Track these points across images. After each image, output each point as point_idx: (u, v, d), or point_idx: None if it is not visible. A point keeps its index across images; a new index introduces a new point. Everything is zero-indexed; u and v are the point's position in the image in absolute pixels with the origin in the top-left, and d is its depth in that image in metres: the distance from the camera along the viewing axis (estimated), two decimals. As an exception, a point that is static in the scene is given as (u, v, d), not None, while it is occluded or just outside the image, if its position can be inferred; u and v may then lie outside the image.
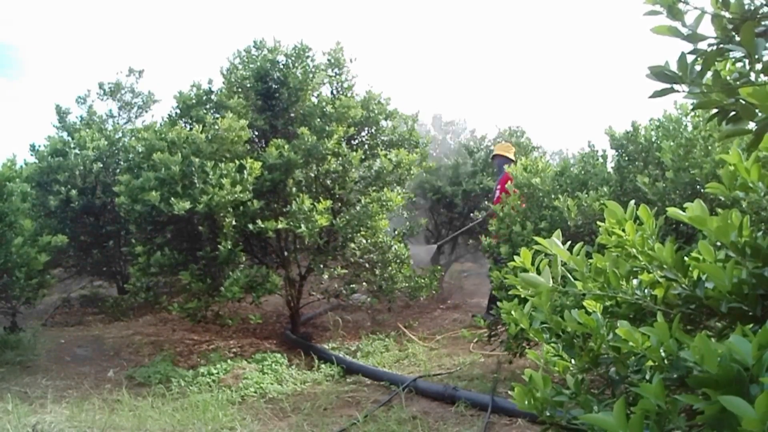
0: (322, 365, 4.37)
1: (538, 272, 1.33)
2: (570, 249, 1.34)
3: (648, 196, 3.39)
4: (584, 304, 1.27)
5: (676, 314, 1.08)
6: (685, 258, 1.15)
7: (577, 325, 1.21)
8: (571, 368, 1.28)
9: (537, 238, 1.37)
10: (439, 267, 6.02)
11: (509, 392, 3.62)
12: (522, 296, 1.44)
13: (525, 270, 1.36)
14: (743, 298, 1.00)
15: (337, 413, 3.41)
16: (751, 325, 0.97)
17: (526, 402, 1.27)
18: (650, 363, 0.97)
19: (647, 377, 1.02)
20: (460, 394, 3.39)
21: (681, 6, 0.78)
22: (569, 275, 1.33)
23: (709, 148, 3.28)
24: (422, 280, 5.43)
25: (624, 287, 1.20)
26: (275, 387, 3.90)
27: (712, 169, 3.16)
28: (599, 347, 1.19)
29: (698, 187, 3.20)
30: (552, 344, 1.33)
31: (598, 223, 1.35)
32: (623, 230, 1.24)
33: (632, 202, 1.29)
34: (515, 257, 1.40)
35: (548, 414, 1.25)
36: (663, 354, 0.93)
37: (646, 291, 1.20)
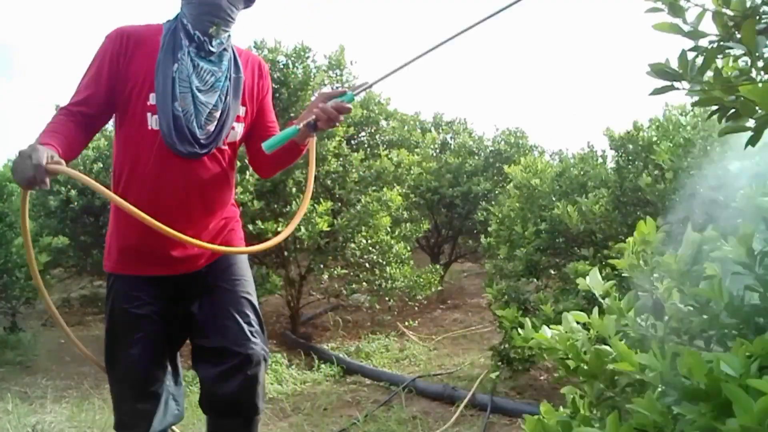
0: (322, 365, 4.37)
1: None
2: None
3: (648, 197, 3.39)
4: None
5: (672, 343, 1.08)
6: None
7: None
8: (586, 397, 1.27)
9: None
10: (438, 266, 6.01)
11: (508, 392, 3.63)
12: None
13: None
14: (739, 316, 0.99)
15: (337, 413, 3.41)
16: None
17: None
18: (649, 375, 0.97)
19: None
20: (459, 394, 3.39)
21: (682, 3, 0.78)
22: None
23: (708, 148, 3.28)
24: (422, 280, 5.43)
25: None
26: (275, 387, 3.90)
27: (711, 170, 3.16)
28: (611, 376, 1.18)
29: (698, 188, 3.21)
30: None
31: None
32: None
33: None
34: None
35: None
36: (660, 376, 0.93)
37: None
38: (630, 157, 3.80)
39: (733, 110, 0.80)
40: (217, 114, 1.78)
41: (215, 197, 1.83)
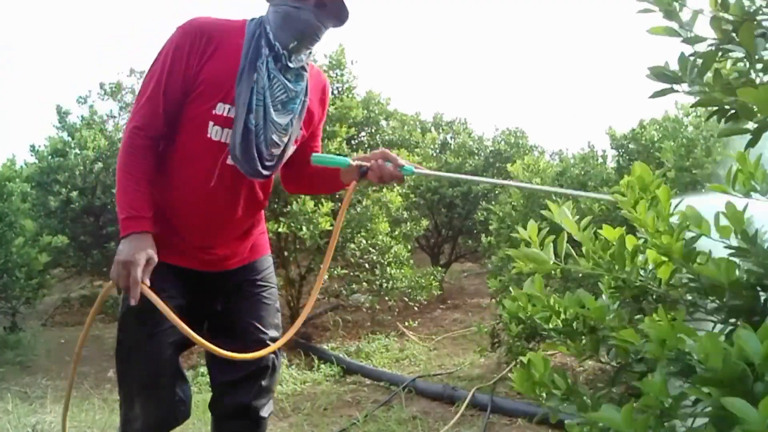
0: (322, 365, 4.37)
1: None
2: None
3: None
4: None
5: (680, 308, 1.07)
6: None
7: (579, 309, 1.15)
8: (569, 352, 1.23)
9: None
10: (439, 268, 6.01)
11: (508, 392, 3.63)
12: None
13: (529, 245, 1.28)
14: (741, 294, 0.98)
15: (337, 413, 3.41)
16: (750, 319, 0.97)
17: (525, 385, 1.21)
18: (651, 354, 0.96)
19: (649, 367, 1.01)
20: (459, 394, 3.39)
21: (677, 6, 0.78)
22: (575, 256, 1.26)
23: (710, 148, 3.29)
24: (423, 282, 5.43)
25: (629, 266, 1.16)
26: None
27: (713, 169, 3.17)
28: (604, 335, 1.15)
29: (700, 187, 3.21)
30: (550, 326, 1.27)
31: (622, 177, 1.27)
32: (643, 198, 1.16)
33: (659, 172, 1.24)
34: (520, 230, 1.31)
35: (546, 402, 1.21)
36: (665, 345, 0.92)
37: (651, 272, 1.15)
38: (631, 157, 3.81)
39: (732, 112, 0.80)
40: (285, 138, 1.65)
41: (256, 204, 1.78)
